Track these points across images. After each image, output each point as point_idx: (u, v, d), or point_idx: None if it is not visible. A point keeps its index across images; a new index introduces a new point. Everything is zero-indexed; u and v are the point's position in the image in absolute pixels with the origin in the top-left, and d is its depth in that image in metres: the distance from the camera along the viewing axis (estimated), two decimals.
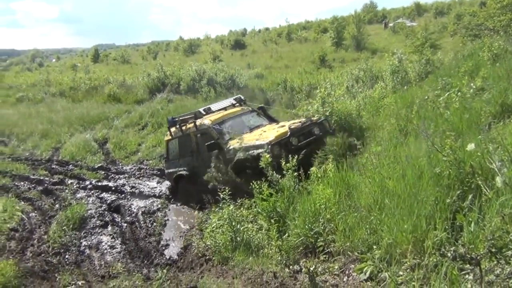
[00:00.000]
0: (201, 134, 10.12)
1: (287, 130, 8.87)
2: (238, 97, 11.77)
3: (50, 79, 33.55)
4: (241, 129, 10.11)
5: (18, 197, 10.58)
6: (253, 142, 8.93)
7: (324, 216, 5.37)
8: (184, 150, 10.64)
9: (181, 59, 38.37)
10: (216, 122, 10.10)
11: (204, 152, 9.81)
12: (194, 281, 5.25)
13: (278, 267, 5.18)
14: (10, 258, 6.83)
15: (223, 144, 9.44)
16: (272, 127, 9.83)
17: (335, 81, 17.38)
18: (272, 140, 8.49)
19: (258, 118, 10.98)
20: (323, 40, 41.48)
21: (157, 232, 8.73)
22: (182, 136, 10.65)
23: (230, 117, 10.48)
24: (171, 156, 11.16)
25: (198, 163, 10.12)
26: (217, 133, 9.76)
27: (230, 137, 9.65)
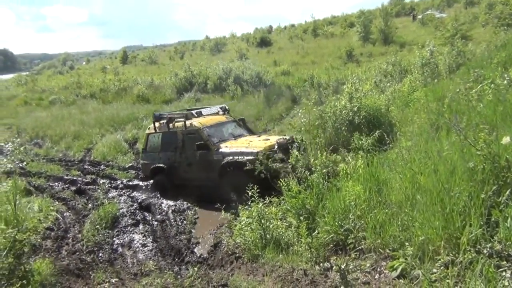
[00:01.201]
0: (189, 134, 10.83)
1: (274, 143, 9.81)
2: (223, 106, 12.63)
3: (81, 82, 34.31)
4: (226, 135, 11.13)
5: (53, 197, 10.88)
6: (242, 148, 9.92)
7: (354, 213, 5.31)
8: (167, 145, 11.28)
9: (208, 58, 38.61)
10: (206, 125, 10.90)
11: (189, 150, 10.71)
12: (224, 279, 5.27)
13: (308, 265, 5.14)
14: (46, 256, 7.01)
15: (212, 146, 10.31)
16: (257, 138, 10.79)
17: (362, 76, 17.19)
18: (262, 150, 9.23)
19: (239, 128, 11.85)
20: (349, 34, 40.99)
21: (188, 230, 8.81)
22: (167, 132, 11.30)
23: (217, 123, 11.34)
24: (150, 148, 11.75)
25: (180, 159, 10.97)
26: (207, 135, 10.53)
27: (219, 141, 10.57)
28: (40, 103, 28.71)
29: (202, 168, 10.44)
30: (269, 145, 9.76)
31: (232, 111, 18.63)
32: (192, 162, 10.67)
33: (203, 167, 10.41)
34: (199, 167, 10.52)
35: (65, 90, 32.27)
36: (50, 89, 33.74)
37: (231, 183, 9.46)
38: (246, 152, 9.63)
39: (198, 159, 10.48)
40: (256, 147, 9.71)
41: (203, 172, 10.40)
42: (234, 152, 9.90)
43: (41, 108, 26.70)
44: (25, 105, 28.92)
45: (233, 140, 10.79)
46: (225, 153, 10.03)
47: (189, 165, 10.77)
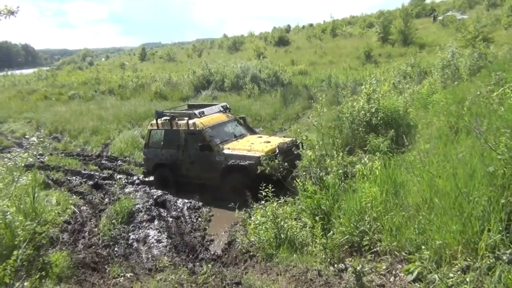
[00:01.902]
0: (191, 134, 11.06)
1: (275, 147, 10.08)
2: (225, 105, 12.60)
3: (99, 78, 34.61)
4: (227, 135, 11.32)
5: (71, 191, 11.03)
6: (244, 152, 10.13)
7: (370, 214, 5.27)
8: (170, 142, 11.51)
9: (225, 56, 38.70)
10: (208, 125, 11.06)
11: (191, 150, 10.97)
12: (238, 277, 5.28)
13: (323, 265, 5.12)
14: (63, 249, 7.12)
15: (214, 147, 10.55)
16: (258, 140, 10.93)
17: (381, 77, 17.03)
18: (263, 155, 9.33)
19: (240, 127, 12.02)
20: (368, 35, 40.65)
21: (202, 227, 8.87)
22: (170, 130, 11.53)
23: (218, 123, 11.48)
24: (152, 144, 12.02)
25: (182, 158, 11.23)
26: (209, 136, 10.75)
27: (221, 141, 10.79)
28: (59, 98, 29.05)
29: (204, 168, 10.77)
30: (270, 149, 10.01)
31: (248, 110, 18.75)
32: (194, 161, 10.96)
33: (205, 167, 10.73)
34: (201, 166, 10.83)
35: (84, 86, 32.62)
36: (70, 84, 34.12)
37: (232, 184, 9.93)
38: (248, 156, 9.90)
39: (200, 158, 10.77)
40: (258, 151, 9.95)
41: (205, 172, 10.74)
42: (236, 155, 10.17)
43: (61, 103, 26.99)
44: (45, 99, 29.30)
45: (234, 140, 11.03)
46: (228, 155, 10.30)
47: (191, 164, 11.06)
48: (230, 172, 10.17)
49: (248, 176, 9.40)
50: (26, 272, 2.86)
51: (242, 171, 9.83)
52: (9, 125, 22.79)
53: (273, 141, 10.75)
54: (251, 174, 9.18)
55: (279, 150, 9.89)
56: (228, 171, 10.20)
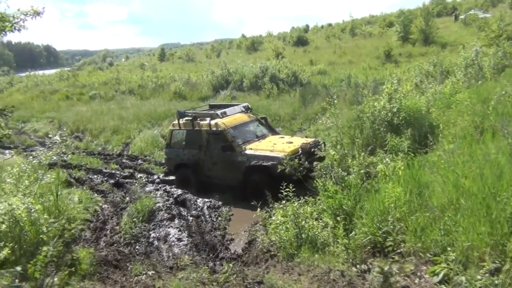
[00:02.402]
0: (213, 134, 11.05)
1: (297, 147, 10.05)
2: (246, 105, 12.60)
3: (120, 78, 34.96)
4: (249, 135, 11.29)
5: (92, 189, 11.17)
6: (267, 152, 10.14)
7: (393, 215, 5.19)
8: (192, 143, 11.50)
9: (244, 56, 38.76)
10: (230, 126, 11.04)
11: (214, 150, 10.99)
12: (260, 276, 5.27)
13: (345, 266, 5.08)
14: (85, 247, 7.20)
15: (236, 147, 10.51)
16: (280, 141, 10.91)
17: (402, 76, 16.83)
18: (287, 155, 9.14)
19: (262, 127, 11.99)
20: (388, 34, 40.19)
21: (222, 226, 8.89)
22: (192, 130, 11.51)
23: (240, 123, 11.46)
24: (173, 144, 12.02)
25: (204, 158, 11.22)
26: (231, 137, 10.73)
27: (243, 142, 10.78)
28: (80, 98, 29.44)
29: (226, 168, 10.75)
30: (293, 150, 9.98)
31: (267, 110, 18.72)
32: (217, 161, 10.95)
33: (227, 167, 10.71)
34: (223, 167, 10.81)
35: (104, 86, 33.00)
36: (91, 84, 34.56)
37: (254, 184, 9.81)
38: (271, 156, 9.87)
39: (222, 159, 10.77)
40: (281, 151, 9.89)
41: (227, 172, 10.73)
42: (259, 155, 10.15)
43: (82, 103, 27.38)
44: (66, 99, 29.74)
45: (257, 141, 11.02)
46: (250, 155, 10.29)
47: (213, 164, 11.06)
48: (253, 173, 10.14)
49: (271, 177, 9.35)
50: (56, 268, 2.89)
51: (265, 171, 9.79)
52: (32, 124, 23.21)
53: (296, 142, 10.69)
54: (274, 175, 9.05)
55: (302, 151, 9.84)
56: (250, 172, 10.18)
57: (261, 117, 12.61)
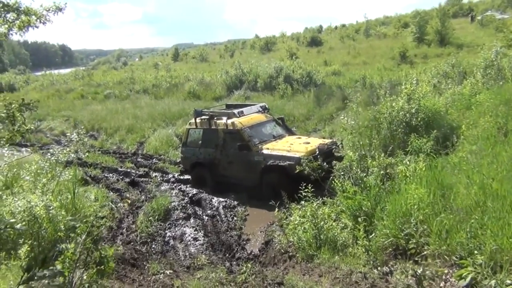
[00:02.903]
0: (230, 133, 11.00)
1: (315, 147, 9.88)
2: (263, 105, 12.56)
3: (134, 77, 35.13)
4: (266, 135, 11.19)
5: (108, 188, 11.20)
6: (284, 152, 9.99)
7: (416, 217, 5.09)
8: (208, 142, 11.47)
9: (258, 57, 38.70)
10: (247, 125, 10.97)
11: (230, 149, 10.92)
12: (279, 277, 5.21)
13: (366, 268, 5.00)
14: (102, 245, 7.20)
15: (253, 147, 10.44)
16: (297, 141, 10.79)
17: (418, 77, 16.62)
18: (304, 155, 9.01)
19: (279, 127, 11.87)
20: (403, 35, 39.82)
21: (238, 226, 8.83)
22: (209, 129, 11.48)
23: (257, 123, 11.38)
24: (190, 143, 11.99)
25: (221, 157, 11.15)
26: (248, 136, 10.65)
27: (260, 141, 10.71)
28: (95, 97, 29.62)
29: (242, 167, 10.67)
30: (310, 150, 9.81)
31: (282, 110, 18.63)
32: (233, 160, 10.88)
33: (243, 167, 10.63)
34: (240, 166, 10.73)
35: (119, 85, 33.17)
36: (105, 83, 34.77)
37: (271, 184, 9.78)
38: (288, 156, 9.76)
39: (238, 158, 10.70)
40: (298, 151, 9.79)
41: (243, 171, 10.65)
42: (276, 155, 10.04)
43: (97, 102, 27.55)
44: (81, 98, 29.95)
45: (273, 141, 10.91)
46: (267, 155, 10.19)
47: (229, 163, 10.99)
48: (269, 172, 10.06)
49: (288, 177, 9.32)
50: (84, 266, 2.87)
51: (282, 171, 9.70)
52: (48, 122, 23.39)
53: (313, 142, 10.60)
54: (291, 175, 9.04)
55: (319, 151, 9.72)
56: (267, 171, 10.10)
57: (278, 117, 12.51)
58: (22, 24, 4.32)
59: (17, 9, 4.16)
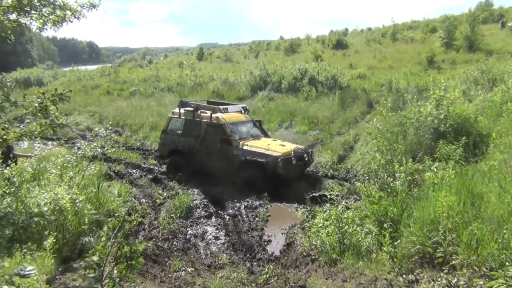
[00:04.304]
0: (213, 126, 11.74)
1: (290, 150, 10.99)
2: (244, 106, 13.48)
3: (159, 75, 35.41)
4: (245, 134, 12.04)
5: (131, 183, 11.29)
6: (263, 150, 10.93)
7: (445, 225, 4.96)
8: (189, 131, 12.17)
9: (282, 58, 38.56)
10: (229, 121, 11.82)
11: (210, 142, 11.67)
12: (302, 280, 5.15)
13: (391, 275, 4.90)
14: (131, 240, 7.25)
15: (233, 142, 11.31)
16: (274, 143, 11.77)
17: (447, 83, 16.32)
18: (281, 155, 10.61)
19: (256, 129, 12.75)
20: (431, 40, 39.18)
21: (260, 227, 8.79)
22: (192, 120, 12.20)
23: (238, 121, 12.25)
24: (170, 130, 12.78)
25: (200, 148, 11.88)
26: (230, 131, 11.49)
27: (239, 138, 11.55)
28: (121, 94, 29.94)
29: (221, 160, 11.40)
30: (286, 152, 10.89)
31: (305, 112, 18.60)
32: (212, 152, 11.59)
33: (222, 159, 11.36)
34: (218, 158, 11.45)
35: (144, 83, 33.48)
36: (131, 81, 35.13)
37: (247, 178, 10.70)
38: (266, 154, 10.75)
39: (218, 150, 11.41)
40: (276, 151, 10.82)
41: (221, 163, 11.38)
42: (255, 152, 10.94)
43: (122, 98, 27.84)
44: (107, 94, 30.33)
45: (252, 139, 11.75)
46: (246, 151, 11.07)
47: (208, 154, 11.69)
48: (247, 167, 10.86)
49: (264, 172, 10.52)
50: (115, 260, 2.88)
51: (259, 167, 10.63)
52: (74, 117, 23.77)
53: (288, 146, 11.54)
54: (267, 171, 10.44)
55: (294, 154, 10.80)
56: (244, 166, 10.90)
57: (256, 120, 13.40)
58: (56, 19, 4.37)
59: (53, 3, 4.20)
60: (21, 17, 4.34)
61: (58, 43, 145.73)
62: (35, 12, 4.22)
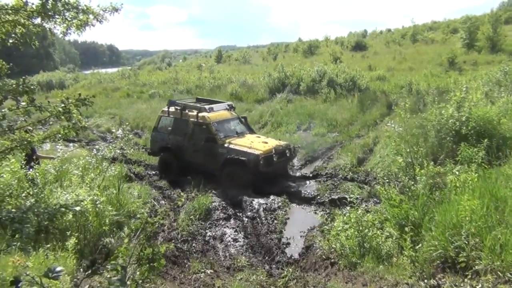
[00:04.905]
0: (199, 125, 12.26)
1: (271, 147, 11.47)
2: (230, 104, 13.95)
3: (178, 78, 35.66)
4: (230, 131, 12.57)
5: (151, 185, 11.39)
6: (245, 148, 11.38)
7: (468, 229, 4.87)
8: (178, 130, 12.74)
9: (301, 60, 38.47)
10: (214, 120, 12.28)
11: (197, 140, 12.19)
12: (321, 284, 5.11)
13: (412, 280, 4.83)
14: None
15: (218, 140, 11.81)
16: (257, 140, 12.20)
17: (469, 85, 16.06)
18: (262, 153, 11.09)
19: (241, 125, 13.24)
20: (452, 41, 38.63)
21: (278, 229, 8.76)
22: (179, 119, 12.75)
23: (223, 119, 12.71)
24: (160, 128, 13.33)
25: (188, 145, 12.41)
26: (215, 130, 12.00)
27: (224, 136, 12.05)
28: (140, 96, 30.21)
29: (206, 157, 11.93)
30: (268, 149, 11.34)
31: (324, 114, 18.50)
32: (198, 149, 12.11)
33: (207, 156, 11.91)
34: (204, 155, 11.99)
35: (163, 85, 33.74)
36: (150, 83, 35.44)
37: (230, 174, 11.29)
38: (248, 152, 11.18)
39: (204, 148, 11.94)
40: (257, 149, 11.24)
41: (207, 160, 11.93)
42: (238, 150, 11.42)
43: (142, 101, 28.08)
44: (127, 97, 30.63)
45: (236, 137, 12.27)
46: (230, 149, 11.55)
47: (195, 151, 12.22)
48: (230, 164, 11.38)
49: (246, 170, 11.01)
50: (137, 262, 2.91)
51: (241, 164, 11.13)
52: (94, 119, 24.07)
53: (270, 142, 12.04)
54: (249, 168, 10.94)
55: (275, 151, 11.35)
56: (228, 163, 11.41)
57: (242, 116, 13.88)
58: (80, 23, 4.44)
59: (76, 8, 4.27)
60: (45, 21, 4.42)
61: (80, 46, 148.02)
62: (59, 17, 4.28)
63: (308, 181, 11.93)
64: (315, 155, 14.96)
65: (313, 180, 11.96)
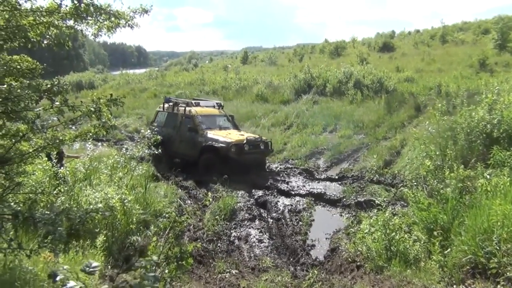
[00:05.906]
0: (186, 117, 13.76)
1: (244, 138, 12.71)
2: (219, 103, 15.81)
3: (204, 79, 35.94)
4: (214, 125, 13.89)
5: (177, 185, 11.51)
6: (220, 137, 12.68)
7: (499, 234, 4.75)
8: (169, 123, 14.30)
9: (327, 61, 38.25)
10: (199, 114, 13.87)
11: (183, 130, 13.61)
12: (347, 287, 5.07)
13: (441, 285, 4.73)
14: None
15: (200, 130, 13.22)
16: (235, 132, 13.58)
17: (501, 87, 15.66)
18: (233, 142, 12.33)
19: (228, 122, 14.63)
20: (483, 42, 37.71)
21: (303, 231, 8.71)
22: (171, 113, 14.44)
23: (208, 114, 14.31)
24: (157, 122, 14.54)
25: (175, 136, 13.81)
26: (198, 121, 13.44)
27: (207, 128, 13.38)
28: None
29: (188, 146, 13.30)
30: (240, 139, 12.57)
31: (350, 116, 18.39)
32: (183, 139, 13.52)
33: (189, 145, 13.27)
34: (187, 145, 13.36)
35: (190, 86, 34.06)
36: (177, 84, 35.83)
37: (206, 161, 12.46)
38: (222, 141, 12.46)
39: (188, 138, 13.35)
40: (231, 139, 12.49)
41: (189, 149, 13.27)
42: (214, 138, 12.70)
43: None
44: (154, 97, 31.06)
45: (218, 129, 13.53)
46: (208, 138, 12.84)
47: (180, 142, 13.62)
48: (207, 152, 12.57)
49: (219, 157, 12.18)
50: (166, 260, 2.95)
51: (214, 152, 12.36)
52: (122, 119, 24.52)
53: (246, 135, 13.25)
54: (221, 155, 12.13)
55: (247, 141, 12.48)
56: (205, 151, 12.62)
57: (229, 115, 15.30)
58: (111, 25, 4.53)
59: (108, 12, 4.37)
60: (78, 23, 4.53)
61: (108, 47, 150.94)
62: (91, 19, 4.38)
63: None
64: (341, 157, 14.87)
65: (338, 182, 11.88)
